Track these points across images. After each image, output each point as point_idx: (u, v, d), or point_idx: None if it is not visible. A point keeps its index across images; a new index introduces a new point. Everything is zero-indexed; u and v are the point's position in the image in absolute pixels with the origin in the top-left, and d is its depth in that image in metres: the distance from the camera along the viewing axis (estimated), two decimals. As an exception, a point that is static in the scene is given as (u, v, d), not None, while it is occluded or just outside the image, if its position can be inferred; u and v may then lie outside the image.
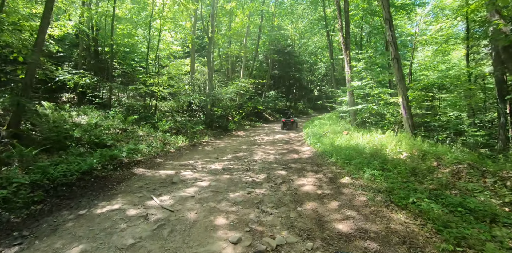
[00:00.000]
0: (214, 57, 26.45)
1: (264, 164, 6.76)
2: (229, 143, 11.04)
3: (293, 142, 10.86)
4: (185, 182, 5.31)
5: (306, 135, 11.29)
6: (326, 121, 16.00)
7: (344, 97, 14.38)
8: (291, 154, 8.11)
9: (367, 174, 5.01)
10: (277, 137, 12.45)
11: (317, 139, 9.08)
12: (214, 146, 10.11)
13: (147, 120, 11.43)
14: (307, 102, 35.92)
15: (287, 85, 30.53)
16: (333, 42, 22.51)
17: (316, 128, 13.19)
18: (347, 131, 10.53)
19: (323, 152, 7.67)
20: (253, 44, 25.42)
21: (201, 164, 6.93)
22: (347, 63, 13.69)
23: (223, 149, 9.48)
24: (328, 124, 14.15)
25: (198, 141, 11.10)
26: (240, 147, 9.76)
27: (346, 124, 13.47)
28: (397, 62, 9.32)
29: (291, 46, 28.95)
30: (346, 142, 8.48)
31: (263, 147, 9.56)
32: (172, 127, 11.94)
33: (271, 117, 24.38)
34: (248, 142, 11.07)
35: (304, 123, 18.52)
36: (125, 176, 5.86)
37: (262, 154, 8.24)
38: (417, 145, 7.19)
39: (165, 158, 7.75)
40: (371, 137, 9.12)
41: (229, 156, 8.09)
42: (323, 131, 11.73)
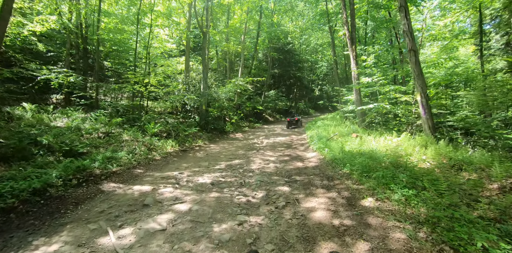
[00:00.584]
0: (211, 56, 25.28)
1: (262, 176, 5.52)
2: (225, 147, 9.82)
3: (296, 145, 9.62)
4: (161, 204, 4.09)
5: (310, 138, 10.06)
6: (329, 122, 14.77)
7: (350, 96, 13.15)
8: (295, 161, 6.87)
9: (397, 194, 3.77)
10: (278, 140, 11.21)
11: (324, 143, 7.84)
12: (207, 151, 8.88)
13: (135, 123, 10.24)
14: (308, 102, 34.67)
15: (287, 85, 29.32)
16: (335, 39, 21.28)
17: (320, 130, 11.96)
18: (356, 133, 9.29)
19: (332, 159, 6.44)
20: (252, 42, 24.22)
21: (187, 176, 5.70)
22: (353, 59, 12.46)
23: (216, 155, 8.26)
24: (333, 126, 12.91)
25: (190, 145, 9.88)
26: (236, 153, 8.53)
27: (352, 126, 12.23)
28: (414, 55, 8.09)
29: (291, 44, 27.71)
30: (358, 146, 7.24)
31: (262, 153, 8.33)
32: (163, 130, 10.74)
33: (271, 118, 23.15)
34: (246, 146, 9.85)
35: (306, 124, 17.29)
36: (89, 195, 4.64)
37: (260, 161, 7.01)
38: (445, 151, 5.96)
39: (146, 168, 6.53)
40: (386, 140, 7.90)
41: (223, 164, 6.86)
42: (328, 133, 10.49)
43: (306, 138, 11.22)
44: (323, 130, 11.23)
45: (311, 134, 10.97)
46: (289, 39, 28.23)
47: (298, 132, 14.42)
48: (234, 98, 17.94)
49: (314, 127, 13.84)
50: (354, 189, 4.41)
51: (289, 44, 27.28)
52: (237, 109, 17.31)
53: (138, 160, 7.06)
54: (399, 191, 3.88)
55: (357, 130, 11.10)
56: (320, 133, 10.30)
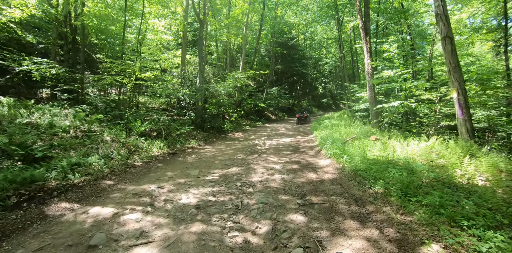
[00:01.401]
0: (211, 50, 23.77)
1: (266, 194, 4.11)
2: (222, 149, 8.40)
3: (304, 148, 8.20)
4: (115, 245, 2.69)
5: (320, 140, 8.62)
6: (337, 122, 13.32)
7: (362, 93, 11.68)
8: (306, 171, 5.45)
9: (486, 244, 2.34)
10: (282, 141, 9.78)
11: (340, 148, 6.40)
12: (201, 155, 7.47)
13: (121, 121, 8.85)
14: (312, 100, 33.15)
15: (290, 82, 27.77)
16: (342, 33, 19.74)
17: (329, 130, 10.52)
18: (374, 135, 7.85)
19: (354, 170, 5.01)
20: (254, 38, 22.66)
21: (167, 192, 4.30)
22: (367, 51, 10.98)
23: (211, 159, 6.85)
24: (343, 126, 11.47)
25: (182, 147, 8.47)
26: (234, 157, 7.12)
27: (365, 126, 10.78)
28: (450, 43, 6.63)
29: (295, 39, 26.14)
30: (384, 153, 5.81)
31: (264, 158, 6.91)
32: (153, 129, 9.34)
33: (273, 116, 21.71)
34: (246, 149, 8.43)
35: (312, 124, 15.84)
36: (24, 222, 3.25)
37: (263, 170, 5.58)
38: (504, 163, 4.55)
39: (119, 178, 5.12)
40: (412, 145, 6.49)
41: (216, 173, 5.45)
42: (340, 134, 9.05)
43: (314, 139, 9.79)
44: (334, 131, 9.78)
45: (320, 135, 9.54)
46: (293, 33, 26.66)
47: (303, 131, 12.99)
48: (234, 95, 16.50)
49: (321, 127, 12.40)
50: (401, 222, 2.99)
51: (293, 39, 25.71)
52: (237, 107, 15.88)
53: (113, 167, 5.66)
54: (479, 232, 2.46)
55: (371, 131, 9.67)
56: (331, 135, 8.86)
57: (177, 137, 9.36)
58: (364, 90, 11.91)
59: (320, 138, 8.98)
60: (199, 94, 10.94)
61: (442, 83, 10.00)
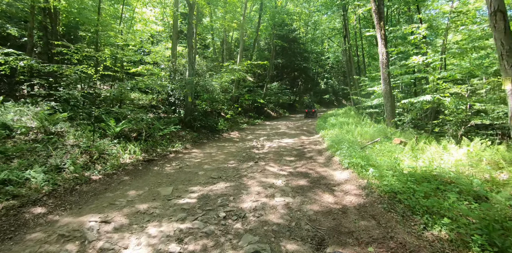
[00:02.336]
0: (208, 43, 22.08)
1: (261, 238, 2.58)
2: (211, 154, 6.89)
3: (311, 152, 6.66)
4: None
5: (329, 141, 7.07)
6: (344, 119, 11.76)
7: (375, 87, 10.10)
8: (319, 190, 3.92)
9: None
10: (284, 143, 8.25)
11: (360, 156, 4.84)
12: (183, 162, 5.96)
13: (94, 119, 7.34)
14: (313, 96, 31.51)
15: (291, 77, 26.11)
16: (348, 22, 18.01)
17: (338, 130, 9.00)
18: (398, 138, 6.31)
19: (389, 191, 3.48)
20: (252, 32, 20.89)
21: (111, 231, 2.79)
22: (381, 39, 9.36)
23: (194, 169, 5.34)
24: (352, 124, 9.93)
25: (164, 151, 6.96)
26: (225, 165, 5.61)
27: (380, 125, 9.24)
28: (502, 19, 5.02)
29: (297, 32, 24.41)
30: (420, 163, 4.30)
31: (262, 166, 5.40)
32: (133, 129, 7.82)
33: (273, 113, 20.14)
34: (240, 153, 6.91)
35: (316, 121, 14.30)
36: None
37: (259, 189, 4.05)
38: None
39: (58, 202, 3.61)
40: (454, 151, 5.00)
41: (195, 193, 3.95)
42: (353, 135, 7.52)
43: (322, 141, 8.25)
44: (345, 132, 8.24)
45: (328, 136, 8.00)
46: (294, 26, 24.93)
47: (307, 130, 11.44)
48: (231, 90, 14.93)
49: (327, 125, 10.85)
50: None
51: (294, 32, 23.98)
52: (234, 103, 14.31)
53: (57, 184, 4.16)
54: None
55: (388, 131, 8.14)
56: (342, 136, 7.32)
57: (160, 139, 7.85)
58: (377, 84, 10.34)
59: (330, 139, 7.44)
60: (188, 88, 9.38)
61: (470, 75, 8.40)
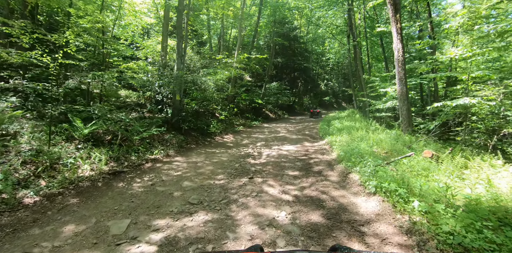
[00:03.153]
0: (205, 39, 20.76)
1: None
2: (197, 164, 5.59)
3: (319, 165, 5.39)
4: None
5: (340, 151, 5.81)
6: (350, 123, 10.53)
7: (388, 88, 8.87)
8: (341, 235, 2.63)
9: None
10: (284, 150, 6.97)
11: (393, 179, 3.55)
12: (159, 177, 4.66)
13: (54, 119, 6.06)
14: (313, 97, 30.32)
15: (291, 77, 24.85)
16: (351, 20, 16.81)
17: (347, 136, 7.78)
18: (429, 150, 5.06)
19: (456, 246, 2.21)
20: (250, 31, 19.63)
21: None
22: (396, 33, 8.15)
23: (169, 188, 4.04)
24: (361, 129, 8.70)
25: (139, 159, 5.66)
26: (210, 182, 4.32)
27: (393, 131, 8.02)
28: None
29: (298, 30, 23.21)
30: (473, 186, 3.05)
31: (258, 186, 4.12)
32: (108, 131, 6.53)
33: (272, 115, 18.88)
34: (233, 163, 5.63)
35: (319, 124, 13.06)
36: None
37: (253, 230, 2.74)
38: None
39: None
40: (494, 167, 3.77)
41: (159, 231, 2.66)
42: (368, 143, 6.25)
43: (329, 149, 6.98)
44: (357, 139, 6.98)
45: (337, 143, 6.76)
46: (295, 24, 23.71)
47: (310, 135, 10.18)
48: (227, 88, 13.63)
49: (332, 130, 9.62)
50: None
51: (295, 30, 22.77)
52: (230, 103, 13.01)
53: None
54: None
55: (403, 138, 6.93)
56: (355, 145, 6.06)
57: (139, 143, 6.54)
58: (388, 84, 9.12)
59: (339, 147, 6.19)
60: (176, 85, 8.09)
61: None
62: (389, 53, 20.29)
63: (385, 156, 5.34)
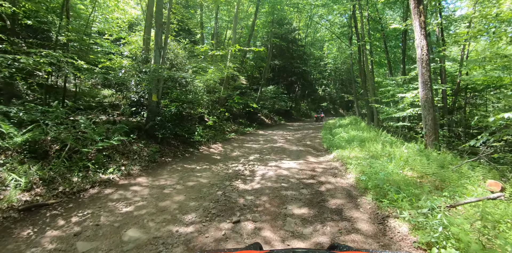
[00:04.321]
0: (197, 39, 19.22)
1: None
2: (163, 190, 3.97)
3: (335, 197, 3.81)
4: None
5: (358, 172, 4.28)
6: (357, 132, 9.04)
7: (407, 94, 7.43)
8: None
9: None
10: (284, 169, 5.38)
11: (465, 234, 2.02)
12: (93, 219, 3.01)
13: None
14: (311, 103, 28.97)
15: (288, 82, 23.38)
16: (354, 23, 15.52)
17: (359, 149, 6.30)
18: (495, 180, 3.55)
19: None
20: (246, 34, 18.22)
21: None
22: (419, 27, 6.77)
23: (97, 244, 2.42)
24: (375, 141, 7.21)
25: (84, 182, 4.02)
26: (170, 229, 2.71)
27: (411, 144, 6.56)
28: None
29: (296, 32, 21.93)
30: None
31: (247, 235, 2.54)
32: (57, 139, 4.89)
33: (268, 120, 17.34)
34: (213, 190, 4.02)
35: (320, 133, 11.56)
36: None
37: None
38: None
39: None
40: None
41: None
42: (398, 163, 4.73)
43: (340, 167, 5.43)
44: (377, 156, 5.47)
45: (351, 161, 5.22)
46: (294, 25, 22.47)
47: (312, 145, 8.63)
48: (218, 90, 12.06)
49: (339, 140, 8.11)
50: None
51: (294, 31, 21.49)
52: (221, 106, 11.40)
53: None
54: None
55: (429, 153, 5.46)
56: (379, 166, 4.53)
57: (94, 156, 4.90)
58: (408, 89, 7.69)
59: (357, 168, 4.67)
60: (150, 82, 6.49)
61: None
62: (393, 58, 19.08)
63: (423, 184, 3.82)
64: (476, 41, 14.75)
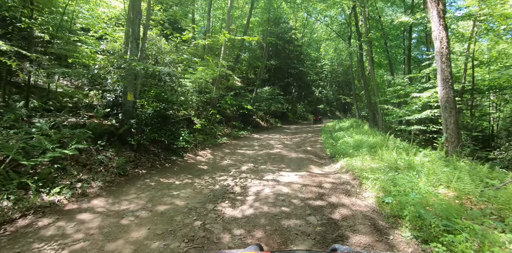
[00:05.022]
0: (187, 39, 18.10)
1: None
2: (120, 220, 2.89)
3: (355, 227, 2.80)
4: None
5: (379, 190, 3.27)
6: (361, 137, 8.06)
7: (423, 93, 6.50)
8: None
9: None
10: (283, 184, 4.35)
11: None
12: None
13: None
14: (307, 105, 28.06)
15: (285, 83, 22.39)
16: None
17: (369, 157, 5.32)
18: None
19: None
20: (240, 32, 17.23)
21: None
22: (438, 17, 5.92)
23: None
24: (384, 146, 6.25)
25: (16, 208, 2.91)
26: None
27: (427, 150, 5.61)
28: None
29: (293, 31, 21.04)
30: None
31: None
32: None
33: (263, 123, 16.31)
34: (190, 219, 2.98)
35: (320, 136, 10.58)
36: None
37: None
38: None
39: None
40: None
41: None
42: (429, 179, 3.74)
43: (352, 180, 4.41)
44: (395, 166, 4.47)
45: (366, 174, 4.20)
46: (290, 24, 21.60)
47: (313, 152, 7.59)
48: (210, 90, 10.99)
49: (344, 146, 7.12)
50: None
51: (291, 31, 20.60)
52: (213, 107, 10.30)
53: None
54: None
55: (453, 162, 4.50)
56: (404, 182, 3.53)
57: (46, 168, 3.80)
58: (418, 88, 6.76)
59: (378, 186, 3.66)
60: (125, 77, 5.43)
61: None
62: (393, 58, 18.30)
63: (473, 210, 2.83)
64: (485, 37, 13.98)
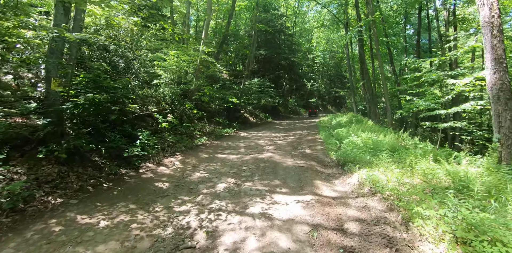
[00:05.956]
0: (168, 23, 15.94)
1: None
2: None
3: None
4: None
5: (456, 249, 1.64)
6: (370, 135, 6.45)
7: (464, 79, 4.88)
8: None
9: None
10: (277, 229, 2.67)
11: None
12: None
13: None
14: (299, 99, 26.43)
15: (275, 75, 20.62)
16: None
17: (398, 170, 3.69)
18: None
19: None
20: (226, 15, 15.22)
21: None
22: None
23: None
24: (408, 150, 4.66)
25: None
26: None
27: (487, 159, 4.04)
28: None
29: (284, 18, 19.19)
30: None
31: None
32: None
33: (252, 118, 14.54)
34: None
35: (319, 134, 8.92)
36: None
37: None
38: None
39: None
40: None
41: None
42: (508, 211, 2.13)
43: (385, 212, 2.76)
44: (437, 185, 2.81)
45: (416, 207, 2.55)
46: (281, 11, 19.71)
47: (315, 156, 5.91)
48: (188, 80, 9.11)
49: (351, 147, 5.48)
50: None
51: (282, 17, 18.74)
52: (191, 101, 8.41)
53: None
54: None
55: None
56: (488, 224, 1.87)
57: None
58: (464, 72, 5.16)
59: (450, 231, 2.01)
60: (47, 56, 3.55)
61: None
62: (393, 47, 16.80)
63: None
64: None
